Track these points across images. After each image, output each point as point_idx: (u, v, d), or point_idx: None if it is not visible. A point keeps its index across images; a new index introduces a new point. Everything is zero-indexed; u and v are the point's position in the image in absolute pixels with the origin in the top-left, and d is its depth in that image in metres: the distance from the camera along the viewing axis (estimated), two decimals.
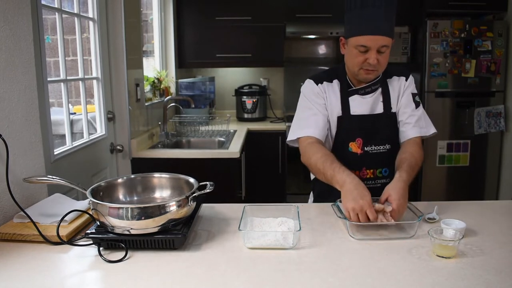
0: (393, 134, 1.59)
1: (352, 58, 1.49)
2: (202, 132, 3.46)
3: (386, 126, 1.58)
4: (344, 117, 1.56)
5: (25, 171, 1.42)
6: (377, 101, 1.58)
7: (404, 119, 1.58)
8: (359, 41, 1.43)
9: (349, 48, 1.49)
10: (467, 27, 3.54)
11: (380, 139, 1.56)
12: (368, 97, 1.57)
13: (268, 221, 1.29)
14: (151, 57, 3.78)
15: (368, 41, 1.42)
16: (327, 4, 3.83)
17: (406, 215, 1.33)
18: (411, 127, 1.56)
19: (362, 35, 1.42)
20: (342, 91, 1.58)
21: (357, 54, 1.46)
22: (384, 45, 1.43)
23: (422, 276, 1.01)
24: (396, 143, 1.59)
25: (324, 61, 4.37)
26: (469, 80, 3.60)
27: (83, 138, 2.30)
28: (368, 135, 1.55)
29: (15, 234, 1.20)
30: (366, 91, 1.57)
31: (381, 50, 1.44)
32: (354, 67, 1.50)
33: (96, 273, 1.06)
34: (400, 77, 1.61)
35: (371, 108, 1.57)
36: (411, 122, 1.56)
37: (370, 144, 1.55)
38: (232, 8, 3.85)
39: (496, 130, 3.69)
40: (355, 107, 1.57)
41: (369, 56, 1.44)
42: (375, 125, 1.56)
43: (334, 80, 1.60)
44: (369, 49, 1.43)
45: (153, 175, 1.40)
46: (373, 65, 1.45)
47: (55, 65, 4.24)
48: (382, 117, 1.57)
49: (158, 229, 1.14)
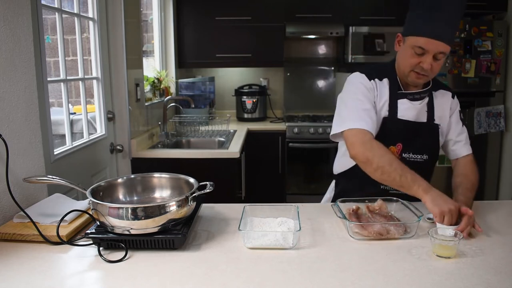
0: (433, 145, 1.55)
1: (406, 58, 1.44)
2: (202, 132, 3.46)
3: (428, 136, 1.54)
4: (390, 119, 1.51)
5: (25, 171, 1.42)
6: (423, 109, 1.54)
7: (454, 138, 1.57)
8: (418, 42, 1.38)
9: (405, 47, 1.44)
10: (467, 27, 3.54)
11: (420, 148, 1.53)
12: (417, 104, 1.53)
13: (268, 221, 1.29)
14: (151, 57, 3.78)
15: (427, 44, 1.36)
16: (327, 4, 3.83)
17: (406, 215, 1.33)
18: (463, 145, 1.56)
19: (423, 36, 1.37)
20: (391, 92, 1.52)
21: (412, 55, 1.41)
22: (442, 52, 1.38)
23: (422, 276, 1.01)
24: (434, 154, 1.56)
25: (324, 61, 4.37)
26: (469, 80, 3.60)
27: (83, 138, 2.30)
28: (408, 141, 1.51)
29: (15, 234, 1.20)
30: (415, 97, 1.52)
31: (437, 57, 1.39)
32: (406, 68, 1.45)
33: (96, 273, 1.06)
34: (446, 92, 1.58)
35: (417, 115, 1.53)
36: (461, 140, 1.56)
37: (409, 151, 1.52)
38: (232, 8, 3.85)
39: (496, 130, 3.69)
40: (402, 111, 1.52)
41: (424, 60, 1.39)
42: (417, 133, 1.53)
43: (384, 79, 1.54)
44: (426, 52, 1.38)
45: (153, 175, 1.40)
46: (426, 70, 1.40)
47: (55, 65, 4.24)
48: (425, 126, 1.54)
49: (158, 229, 1.14)
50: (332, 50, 4.36)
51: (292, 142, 3.76)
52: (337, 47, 4.30)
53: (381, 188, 1.52)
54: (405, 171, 1.32)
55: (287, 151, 3.78)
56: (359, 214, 1.32)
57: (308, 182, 3.91)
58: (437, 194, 1.27)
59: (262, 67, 4.29)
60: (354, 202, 1.39)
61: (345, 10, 3.82)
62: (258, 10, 3.85)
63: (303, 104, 4.31)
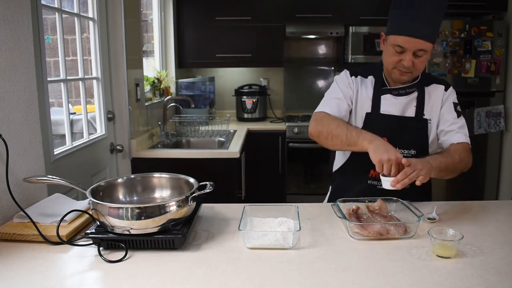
0: (421, 140, 1.55)
1: (388, 56, 1.48)
2: (202, 132, 3.46)
3: (415, 130, 1.55)
4: (372, 114, 1.55)
5: (25, 171, 1.42)
6: (410, 104, 1.55)
7: (445, 128, 1.53)
8: (397, 41, 1.41)
9: (387, 46, 1.48)
10: (467, 27, 3.55)
11: (406, 142, 1.53)
12: (401, 99, 1.55)
13: (268, 221, 1.29)
14: (151, 57, 3.78)
15: (405, 42, 1.39)
16: (327, 4, 3.83)
17: (406, 215, 1.33)
18: (455, 133, 1.52)
19: (400, 35, 1.40)
20: (375, 88, 1.56)
21: (393, 53, 1.44)
22: (422, 49, 1.40)
23: (422, 276, 1.01)
24: (422, 149, 1.55)
25: (324, 61, 4.37)
26: (469, 80, 3.60)
27: (83, 138, 2.30)
28: (394, 136, 1.52)
29: (15, 234, 1.20)
30: (400, 92, 1.54)
31: (417, 54, 1.41)
32: (389, 66, 1.49)
33: (96, 273, 1.06)
34: (438, 85, 1.58)
35: (402, 110, 1.55)
36: (453, 129, 1.52)
37: (395, 146, 1.49)
38: (232, 8, 3.85)
39: (496, 130, 3.69)
40: (386, 106, 1.55)
41: (404, 57, 1.42)
42: (403, 128, 1.53)
43: (370, 76, 1.59)
44: (405, 50, 1.41)
45: (153, 175, 1.40)
46: (407, 67, 1.42)
47: (55, 65, 4.24)
48: (412, 121, 1.54)
49: (158, 229, 1.14)
50: (332, 50, 4.36)
51: (292, 142, 3.76)
52: (337, 47, 4.30)
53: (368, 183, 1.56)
54: (351, 129, 1.42)
55: (287, 151, 3.78)
56: (359, 214, 1.33)
57: (308, 182, 3.91)
58: (381, 143, 1.34)
59: (262, 67, 4.29)
60: (354, 202, 1.39)
61: (345, 10, 3.83)
62: (258, 10, 3.85)
63: (303, 104, 4.31)
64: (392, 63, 1.46)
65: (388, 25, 1.47)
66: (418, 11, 1.37)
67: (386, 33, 1.49)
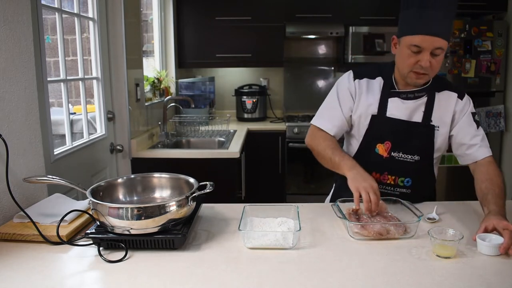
0: (426, 147, 1.52)
1: (403, 59, 1.42)
2: (202, 132, 3.46)
3: (420, 136, 1.50)
4: (378, 116, 1.51)
5: (25, 171, 1.42)
6: (418, 109, 1.50)
7: (467, 141, 1.48)
8: (413, 41, 1.37)
9: (401, 48, 1.42)
10: (467, 27, 3.55)
11: (411, 148, 1.50)
12: (409, 103, 1.50)
13: (268, 221, 1.29)
14: (151, 57, 3.78)
15: (422, 41, 1.35)
16: (327, 4, 3.83)
17: (406, 215, 1.33)
18: (478, 148, 1.47)
19: (417, 34, 1.36)
20: (383, 90, 1.52)
21: (409, 55, 1.39)
22: (439, 47, 1.36)
23: (422, 276, 1.01)
24: (427, 156, 1.52)
25: (324, 61, 4.37)
26: (469, 80, 3.60)
27: (83, 138, 2.30)
28: (398, 140, 1.50)
29: (15, 234, 1.20)
30: (408, 96, 1.50)
31: (435, 53, 1.37)
32: (405, 69, 1.43)
33: (96, 273, 1.06)
34: (451, 93, 1.52)
35: (409, 114, 1.50)
36: (477, 143, 1.47)
37: (399, 151, 1.51)
38: (232, 8, 3.85)
39: (496, 130, 3.69)
40: (392, 109, 1.51)
41: (422, 57, 1.37)
42: (409, 133, 1.50)
43: (378, 78, 1.54)
44: (422, 50, 1.36)
45: (153, 175, 1.40)
46: (425, 68, 1.38)
47: (55, 65, 4.24)
48: (419, 127, 1.50)
49: (158, 229, 1.14)
50: (332, 50, 4.36)
51: (292, 142, 3.76)
52: (337, 47, 4.30)
53: None
54: (336, 154, 1.47)
55: (287, 151, 3.78)
56: (359, 214, 1.33)
57: (308, 182, 3.91)
58: (359, 172, 1.37)
59: (262, 67, 4.29)
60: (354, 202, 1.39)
61: (345, 10, 3.82)
62: (258, 10, 3.85)
63: (303, 104, 4.31)
64: (408, 65, 1.41)
65: (401, 27, 1.43)
66: (432, 9, 1.34)
67: (398, 35, 1.44)
